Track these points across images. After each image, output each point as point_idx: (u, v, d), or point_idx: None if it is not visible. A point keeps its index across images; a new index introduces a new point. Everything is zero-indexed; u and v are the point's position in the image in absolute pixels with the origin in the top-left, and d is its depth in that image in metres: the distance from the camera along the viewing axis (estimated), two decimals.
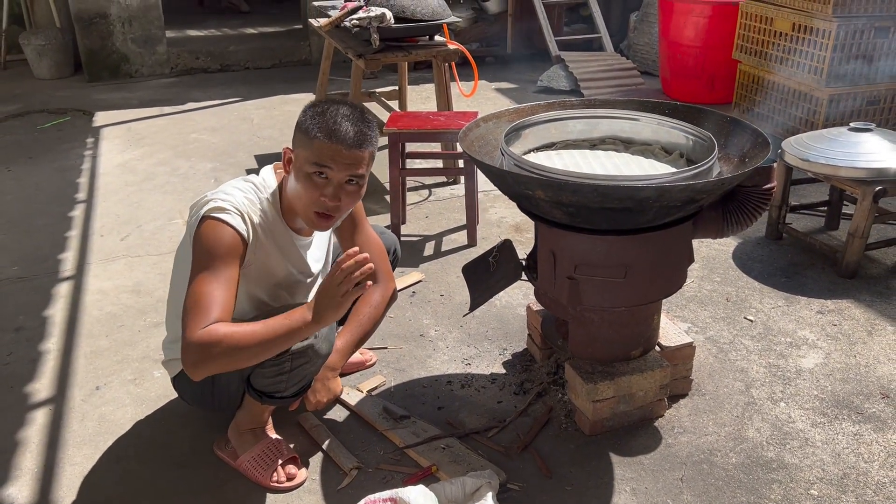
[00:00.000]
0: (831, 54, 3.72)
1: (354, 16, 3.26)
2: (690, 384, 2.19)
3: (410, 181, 3.69)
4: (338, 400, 2.14)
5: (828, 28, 3.71)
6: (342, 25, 3.39)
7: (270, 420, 1.97)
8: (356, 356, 2.28)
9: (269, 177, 1.84)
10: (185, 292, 1.65)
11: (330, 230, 1.99)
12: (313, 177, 1.69)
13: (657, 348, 2.11)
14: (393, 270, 2.13)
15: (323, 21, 3.65)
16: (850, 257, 2.74)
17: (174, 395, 2.19)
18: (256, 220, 1.75)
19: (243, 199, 1.75)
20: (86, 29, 5.48)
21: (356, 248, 1.58)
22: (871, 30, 3.74)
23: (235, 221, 1.69)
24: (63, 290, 2.78)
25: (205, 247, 1.66)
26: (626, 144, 2.17)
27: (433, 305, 2.66)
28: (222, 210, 1.69)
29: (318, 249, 1.97)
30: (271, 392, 1.81)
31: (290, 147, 1.76)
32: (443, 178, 3.74)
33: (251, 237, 1.73)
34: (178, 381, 1.92)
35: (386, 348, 2.41)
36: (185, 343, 1.56)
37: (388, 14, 3.23)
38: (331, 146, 1.66)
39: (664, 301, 2.11)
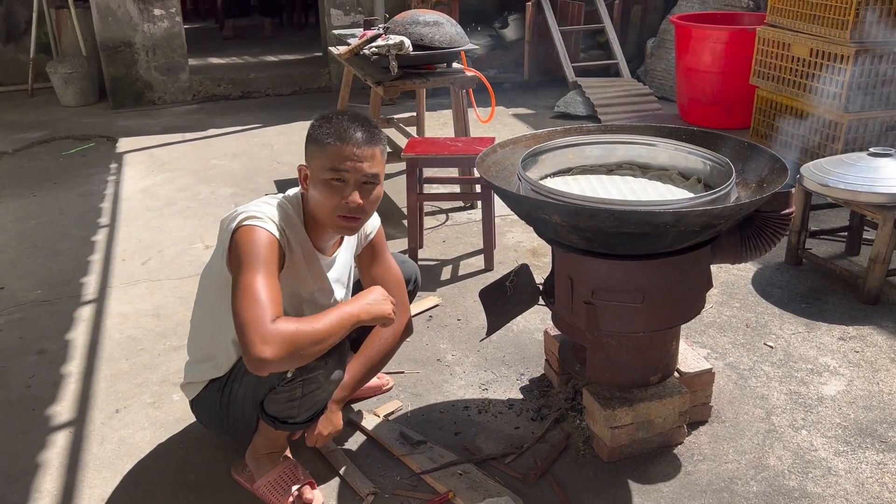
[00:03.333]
0: (850, 80, 3.72)
1: (373, 44, 3.31)
2: (710, 411, 2.17)
3: (428, 206, 3.71)
4: (356, 426, 2.14)
5: (846, 53, 3.70)
6: (361, 53, 3.43)
7: (288, 445, 1.98)
8: (373, 381, 2.28)
9: (293, 196, 1.87)
10: (210, 313, 1.68)
11: (352, 257, 2.01)
12: (331, 182, 1.73)
13: (676, 374, 2.09)
14: (412, 300, 2.14)
15: (342, 49, 3.71)
16: (871, 283, 2.71)
17: (193, 418, 2.20)
18: (288, 232, 1.78)
19: (274, 211, 1.77)
20: (111, 57, 5.60)
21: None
22: (890, 55, 3.73)
23: (271, 227, 1.72)
24: (85, 314, 2.82)
25: (245, 249, 1.67)
26: (643, 170, 2.17)
27: (450, 330, 2.66)
28: (257, 218, 1.71)
29: (339, 272, 1.97)
30: (284, 418, 1.82)
31: (304, 164, 1.80)
32: (460, 203, 3.76)
33: (286, 246, 1.77)
34: (195, 404, 1.93)
35: (403, 373, 2.41)
36: (260, 337, 1.55)
37: (407, 42, 3.27)
38: (343, 148, 1.72)
39: (683, 326, 2.10)
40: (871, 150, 2.78)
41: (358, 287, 2.07)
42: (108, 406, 2.28)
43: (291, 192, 1.90)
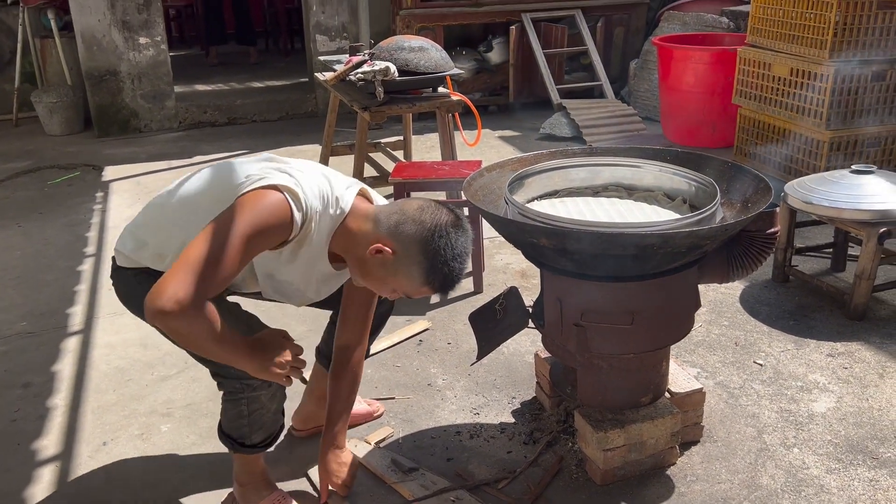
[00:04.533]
0: (830, 97, 3.77)
1: (359, 70, 3.33)
2: (702, 430, 2.17)
3: None
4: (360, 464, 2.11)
5: (825, 72, 3.76)
6: (347, 79, 3.45)
7: (270, 474, 1.96)
8: (364, 408, 2.27)
9: (347, 200, 1.68)
10: (186, 215, 1.64)
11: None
12: (395, 290, 1.68)
13: (667, 395, 2.09)
14: (383, 324, 2.13)
15: (329, 75, 3.73)
16: (857, 299, 2.73)
17: (182, 450, 2.18)
18: (313, 226, 1.63)
19: (317, 203, 1.62)
20: (96, 86, 5.60)
21: (299, 350, 1.64)
22: (869, 73, 3.79)
23: (298, 217, 1.57)
24: (71, 345, 2.79)
25: (255, 212, 1.52)
26: (628, 191, 2.18)
27: (440, 354, 2.65)
28: (296, 198, 1.56)
29: (329, 285, 1.87)
30: (238, 437, 1.83)
31: (391, 242, 1.61)
32: None
33: (293, 238, 1.62)
34: (121, 275, 1.81)
35: (394, 398, 2.39)
36: (179, 299, 1.42)
37: (392, 68, 3.29)
38: (431, 294, 1.67)
39: (673, 346, 2.10)
40: (854, 167, 2.82)
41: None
42: (95, 439, 2.25)
43: (349, 193, 1.69)
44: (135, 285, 1.75)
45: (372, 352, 2.64)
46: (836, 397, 2.33)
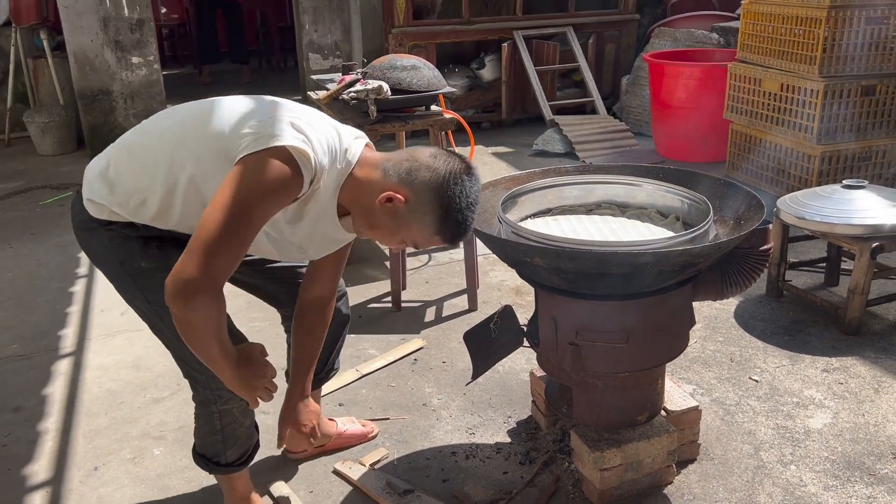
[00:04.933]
0: (821, 112, 3.79)
1: (352, 89, 3.33)
2: (698, 448, 2.16)
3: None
4: (341, 476, 2.10)
5: (815, 88, 3.79)
6: (340, 98, 3.45)
7: (259, 500, 1.94)
8: (358, 429, 2.25)
9: (354, 151, 1.59)
10: (173, 146, 1.54)
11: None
12: (403, 241, 1.62)
13: (663, 413, 2.08)
14: (344, 328, 2.10)
15: (322, 94, 3.73)
16: (852, 314, 2.73)
17: (174, 474, 2.16)
18: (320, 185, 1.54)
19: (324, 155, 1.51)
20: (89, 105, 5.59)
21: (273, 372, 1.60)
22: (858, 88, 3.82)
23: (307, 177, 1.47)
24: (63, 368, 2.76)
25: (266, 182, 1.42)
26: (621, 209, 2.18)
27: (435, 373, 2.64)
28: (306, 159, 1.46)
29: (335, 242, 1.78)
30: (213, 457, 1.82)
31: (403, 190, 1.54)
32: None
33: (303, 195, 1.53)
34: (91, 231, 1.66)
35: (388, 419, 2.38)
36: (205, 281, 1.38)
37: (385, 86, 3.30)
38: (440, 244, 1.62)
39: (668, 363, 2.10)
40: (845, 182, 2.83)
41: None
42: (86, 463, 2.23)
43: (356, 144, 1.60)
44: (108, 248, 1.64)
45: (366, 371, 2.64)
46: (832, 413, 2.33)
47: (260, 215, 1.45)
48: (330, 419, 2.25)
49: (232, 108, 1.58)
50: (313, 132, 1.50)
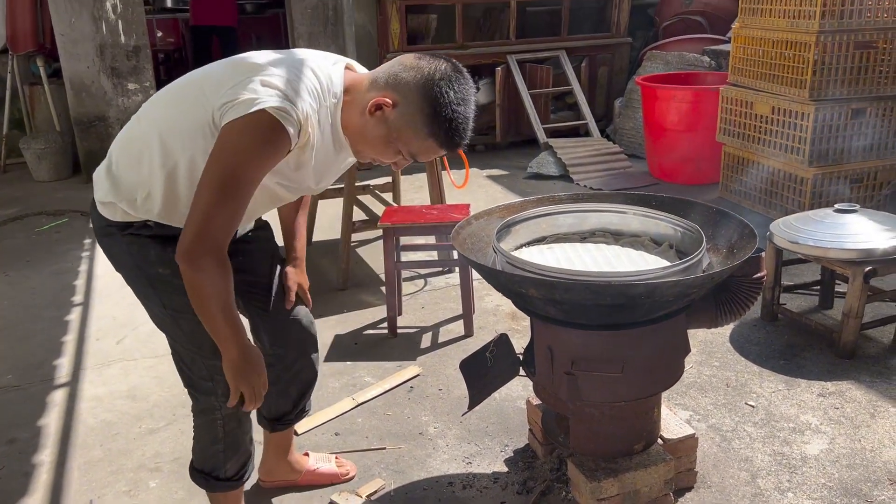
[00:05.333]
0: (812, 135, 3.83)
1: None
2: (696, 476, 2.16)
3: (405, 272, 3.71)
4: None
5: (806, 111, 3.82)
6: None
7: None
8: (332, 468, 2.22)
9: (336, 79, 1.58)
10: (166, 131, 1.56)
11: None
12: (401, 153, 1.58)
13: (660, 441, 2.08)
14: (311, 387, 2.10)
15: None
16: (846, 337, 2.74)
17: None
18: (315, 130, 1.54)
19: (308, 103, 1.50)
20: (85, 132, 5.62)
21: (266, 382, 1.65)
22: (849, 111, 3.85)
23: (291, 131, 1.46)
24: (58, 398, 2.75)
25: (249, 145, 1.44)
26: (615, 237, 2.20)
27: (431, 401, 2.64)
28: (286, 115, 1.44)
29: (346, 168, 1.80)
30: (211, 470, 1.82)
31: (392, 99, 1.52)
32: (438, 268, 3.77)
33: (295, 145, 1.51)
34: (111, 237, 1.69)
35: (384, 448, 2.37)
36: (203, 247, 1.45)
37: None
38: (438, 150, 1.56)
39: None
40: (837, 206, 2.85)
41: None
42: (81, 497, 2.21)
43: (335, 72, 1.59)
44: (127, 253, 1.68)
45: (362, 399, 2.64)
46: (829, 439, 2.33)
47: (251, 177, 1.47)
48: (305, 454, 2.24)
49: (206, 78, 1.58)
50: (287, 85, 1.48)
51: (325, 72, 1.57)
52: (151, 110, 1.65)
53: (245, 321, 1.73)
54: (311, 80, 1.53)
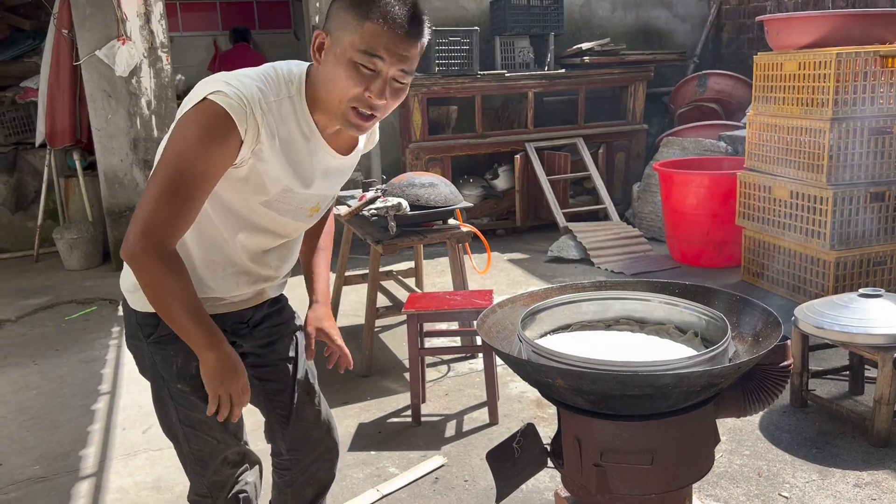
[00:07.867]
0: (832, 219, 3.85)
1: (373, 205, 3.45)
2: None
3: (429, 358, 3.72)
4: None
5: (825, 195, 3.86)
6: (361, 214, 3.57)
7: None
8: None
9: (296, 69, 1.56)
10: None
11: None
12: (360, 67, 1.44)
13: None
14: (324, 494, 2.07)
15: (343, 210, 3.85)
16: (879, 425, 2.69)
17: None
18: (269, 116, 1.49)
19: (255, 88, 1.46)
20: (116, 221, 5.78)
21: (248, 391, 1.62)
22: (867, 194, 3.89)
23: (237, 112, 1.42)
24: (83, 490, 2.75)
25: (196, 130, 1.42)
26: (640, 324, 2.21)
27: (458, 492, 2.60)
28: (225, 97, 1.42)
29: (338, 176, 1.72)
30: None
31: (324, 30, 1.48)
32: (461, 354, 3.77)
33: (247, 135, 1.46)
34: (137, 343, 1.73)
35: None
36: (143, 243, 1.43)
37: (404, 203, 3.42)
38: (387, 33, 1.42)
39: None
40: (862, 291, 2.85)
41: None
42: None
43: (294, 64, 1.58)
44: (151, 364, 1.71)
45: (386, 491, 2.61)
46: None
47: (198, 170, 1.43)
48: None
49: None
50: (234, 77, 1.48)
51: (285, 68, 1.56)
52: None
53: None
54: (266, 73, 1.53)
